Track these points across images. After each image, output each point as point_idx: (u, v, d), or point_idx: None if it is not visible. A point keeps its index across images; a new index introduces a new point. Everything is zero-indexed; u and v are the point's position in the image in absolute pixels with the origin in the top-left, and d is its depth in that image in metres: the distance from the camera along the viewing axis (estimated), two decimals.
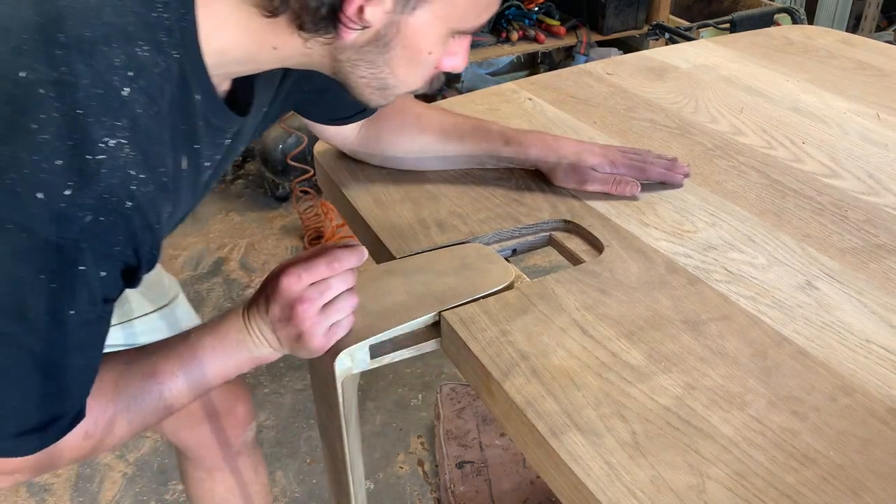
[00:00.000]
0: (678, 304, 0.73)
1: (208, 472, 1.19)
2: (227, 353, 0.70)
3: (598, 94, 1.18)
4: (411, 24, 0.61)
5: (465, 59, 0.68)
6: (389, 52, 0.62)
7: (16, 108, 0.52)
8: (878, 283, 0.76)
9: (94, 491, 1.78)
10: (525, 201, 0.90)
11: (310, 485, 1.79)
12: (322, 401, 0.79)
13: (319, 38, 0.60)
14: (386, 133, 0.94)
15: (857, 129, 1.06)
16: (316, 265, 0.67)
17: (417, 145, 0.95)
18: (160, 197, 0.59)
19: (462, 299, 0.74)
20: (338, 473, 0.83)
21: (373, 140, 0.95)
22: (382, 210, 0.89)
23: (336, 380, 0.71)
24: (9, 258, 0.53)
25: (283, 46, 0.62)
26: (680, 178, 0.92)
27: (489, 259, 0.80)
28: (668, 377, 0.64)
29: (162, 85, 0.57)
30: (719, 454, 0.57)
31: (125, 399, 0.67)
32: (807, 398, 0.63)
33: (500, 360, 0.67)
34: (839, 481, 0.55)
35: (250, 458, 1.22)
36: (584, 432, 0.59)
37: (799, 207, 0.88)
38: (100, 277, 0.57)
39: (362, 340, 0.70)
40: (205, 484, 1.20)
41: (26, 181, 0.51)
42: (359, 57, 0.63)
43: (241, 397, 1.16)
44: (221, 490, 1.20)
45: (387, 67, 0.64)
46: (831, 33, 1.43)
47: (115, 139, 0.54)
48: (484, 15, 0.64)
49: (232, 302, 2.41)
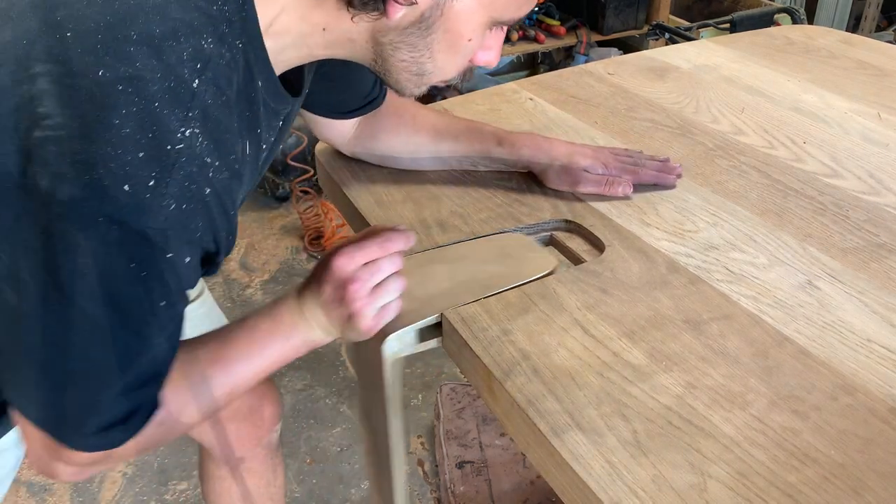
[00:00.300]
0: (679, 303, 0.73)
1: (229, 471, 1.20)
2: (284, 336, 0.72)
3: (599, 94, 1.18)
4: (455, 7, 0.63)
5: (498, 53, 0.70)
6: (431, 34, 0.64)
7: (98, 106, 0.54)
8: (880, 282, 0.76)
9: (94, 491, 1.78)
10: (526, 201, 0.90)
11: (310, 485, 1.79)
12: (367, 385, 0.81)
13: (367, 15, 0.62)
14: (382, 132, 0.95)
15: (858, 128, 1.06)
16: (368, 246, 0.69)
17: (412, 145, 0.96)
18: (234, 183, 0.61)
19: (505, 286, 0.75)
20: (380, 457, 0.85)
21: (368, 138, 0.96)
22: (384, 210, 0.89)
23: (384, 363, 0.73)
24: (101, 251, 0.55)
25: (331, 26, 0.64)
26: (672, 178, 0.93)
27: (529, 248, 0.82)
28: (670, 376, 0.64)
29: (229, 75, 0.60)
30: (721, 453, 0.57)
31: (192, 386, 0.68)
32: (808, 397, 0.63)
33: (502, 359, 0.67)
34: (840, 480, 0.55)
35: (272, 459, 1.23)
36: (585, 431, 0.59)
37: (800, 207, 0.88)
38: (185, 264, 0.59)
39: (410, 324, 0.72)
40: (224, 482, 1.21)
41: (114, 175, 0.53)
42: (401, 39, 0.65)
43: (269, 398, 1.17)
44: (240, 490, 1.21)
45: (427, 51, 0.66)
46: (832, 33, 1.43)
47: (189, 129, 0.56)
48: (525, 7, 0.66)
49: (232, 302, 2.41)
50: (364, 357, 0.78)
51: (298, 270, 2.55)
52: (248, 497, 1.21)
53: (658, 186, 0.92)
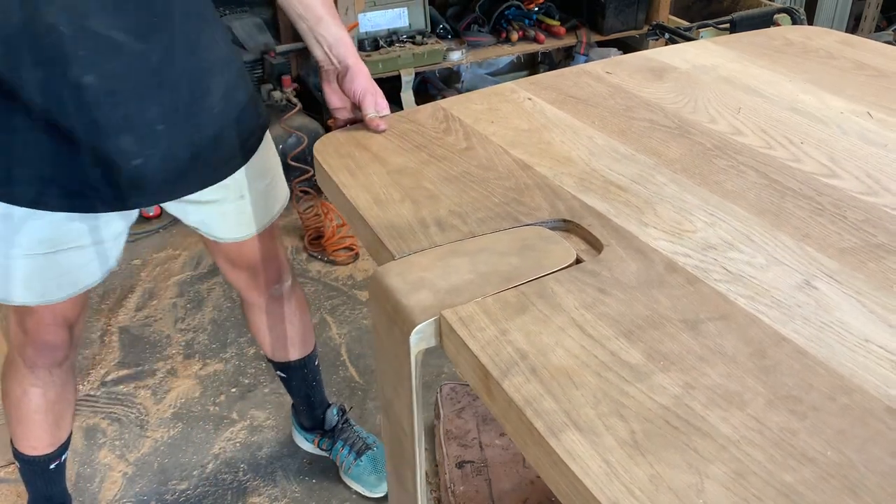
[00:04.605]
0: (677, 303, 0.73)
1: (253, 309, 1.60)
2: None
3: (597, 93, 1.18)
4: None
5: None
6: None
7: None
8: (877, 282, 0.76)
9: (94, 491, 1.78)
10: (524, 200, 0.90)
11: (309, 484, 1.79)
12: (389, 376, 0.82)
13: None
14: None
15: (856, 129, 1.07)
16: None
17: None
18: None
19: (527, 278, 0.76)
20: (402, 448, 0.86)
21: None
22: (382, 209, 0.90)
23: (411, 353, 0.74)
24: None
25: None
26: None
27: (549, 240, 0.83)
28: (667, 376, 0.64)
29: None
30: (718, 453, 0.58)
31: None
32: (805, 397, 0.63)
33: (499, 359, 0.67)
34: (837, 480, 0.56)
35: (288, 301, 1.59)
36: (582, 431, 0.59)
37: (798, 207, 0.89)
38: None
39: (433, 317, 0.73)
40: (254, 316, 1.61)
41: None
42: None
43: (269, 265, 1.49)
44: (265, 322, 1.61)
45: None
46: (831, 34, 1.43)
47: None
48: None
49: (232, 302, 2.41)
50: (386, 347, 0.79)
51: (298, 270, 2.55)
52: (268, 330, 1.63)
53: (662, 186, 0.92)
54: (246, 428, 1.96)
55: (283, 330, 1.62)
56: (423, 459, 0.86)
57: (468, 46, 2.97)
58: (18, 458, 1.52)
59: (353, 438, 1.79)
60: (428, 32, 2.97)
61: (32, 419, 1.44)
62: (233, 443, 1.91)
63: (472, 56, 2.97)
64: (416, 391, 0.77)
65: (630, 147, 1.02)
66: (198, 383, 2.10)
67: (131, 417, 1.99)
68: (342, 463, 1.77)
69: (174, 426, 1.96)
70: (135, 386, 2.10)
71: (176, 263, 2.57)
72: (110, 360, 2.20)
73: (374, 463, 1.76)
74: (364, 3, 2.83)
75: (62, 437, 1.51)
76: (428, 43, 2.89)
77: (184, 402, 2.04)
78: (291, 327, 1.63)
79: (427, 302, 0.73)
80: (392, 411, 0.85)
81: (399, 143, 1.05)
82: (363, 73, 1.13)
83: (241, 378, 2.11)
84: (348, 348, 2.22)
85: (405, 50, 2.84)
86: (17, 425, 1.46)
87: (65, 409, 1.48)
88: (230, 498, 1.77)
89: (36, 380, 1.38)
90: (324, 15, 1.15)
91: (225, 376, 2.12)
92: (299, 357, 1.67)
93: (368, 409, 2.00)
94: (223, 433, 1.94)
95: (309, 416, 1.79)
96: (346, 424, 1.81)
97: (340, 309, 2.37)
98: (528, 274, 0.77)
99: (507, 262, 0.79)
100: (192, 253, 2.61)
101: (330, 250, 2.59)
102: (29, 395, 1.40)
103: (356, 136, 1.07)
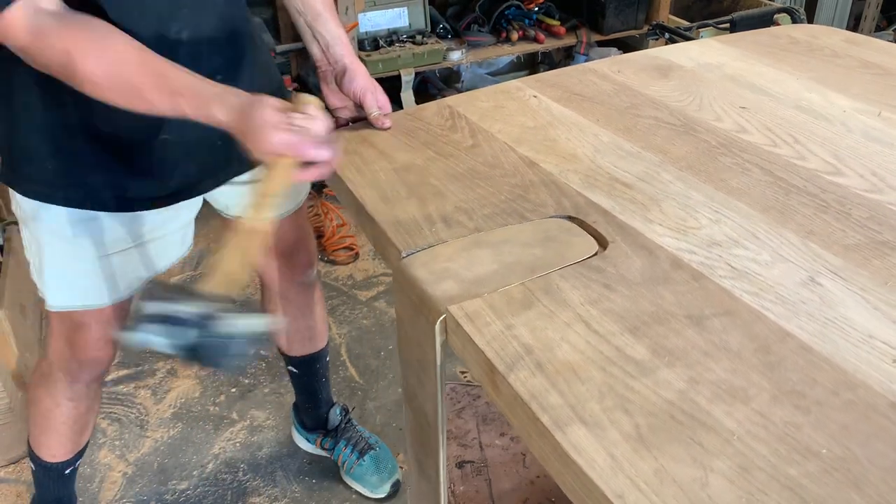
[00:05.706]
0: (682, 299, 0.73)
1: (276, 301, 1.56)
2: (198, 95, 0.90)
3: (602, 91, 1.18)
4: None
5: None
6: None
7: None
8: (882, 279, 0.76)
9: (94, 491, 1.77)
10: (529, 197, 0.90)
11: (309, 484, 1.79)
12: (414, 367, 0.83)
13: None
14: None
15: (861, 127, 1.07)
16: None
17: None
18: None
19: (550, 269, 0.77)
20: (426, 437, 0.87)
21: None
22: (389, 206, 0.90)
23: (436, 343, 0.75)
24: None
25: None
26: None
27: (572, 232, 0.84)
28: (672, 371, 0.65)
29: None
30: (722, 447, 0.58)
31: (102, 50, 0.89)
32: (810, 392, 0.63)
33: (505, 353, 0.67)
34: (841, 474, 0.56)
35: (316, 290, 1.60)
36: (588, 425, 0.60)
37: (802, 204, 0.89)
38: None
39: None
40: (276, 309, 1.58)
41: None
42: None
43: (303, 247, 1.50)
44: (289, 313, 1.59)
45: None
46: (837, 33, 1.43)
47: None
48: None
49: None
50: (413, 338, 0.81)
51: None
52: (292, 321, 1.61)
53: (667, 183, 0.92)
54: (246, 428, 1.95)
55: (306, 321, 1.61)
56: (446, 449, 0.86)
57: (468, 46, 2.97)
58: (36, 462, 1.48)
59: (356, 438, 1.78)
60: (428, 32, 2.97)
61: (59, 430, 1.41)
62: (233, 443, 1.91)
63: (472, 56, 2.97)
64: (440, 380, 0.78)
65: (635, 144, 1.02)
66: (198, 383, 2.10)
67: (131, 417, 1.99)
68: (344, 463, 1.77)
69: (174, 426, 1.96)
70: (135, 386, 2.10)
71: (176, 263, 2.57)
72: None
73: (377, 463, 1.75)
74: (364, 2, 2.83)
75: (83, 444, 1.48)
76: (428, 43, 2.89)
77: (184, 402, 2.04)
78: (315, 317, 1.63)
79: (453, 291, 0.74)
80: (416, 401, 0.86)
81: (405, 140, 1.05)
82: (361, 72, 1.13)
83: (241, 378, 2.11)
84: (348, 348, 2.22)
85: (405, 50, 2.84)
86: (42, 434, 1.43)
87: (91, 419, 1.45)
88: (230, 498, 1.76)
89: (73, 394, 1.36)
90: (322, 11, 1.15)
91: (225, 376, 2.12)
92: (318, 350, 1.67)
93: (369, 409, 2.00)
94: (223, 433, 1.94)
95: (313, 414, 1.79)
96: (349, 424, 1.80)
97: (340, 309, 2.37)
98: (553, 264, 0.77)
99: (530, 252, 0.80)
100: (191, 253, 2.61)
101: (330, 250, 2.59)
102: (62, 408, 1.38)
103: (362, 133, 1.07)
